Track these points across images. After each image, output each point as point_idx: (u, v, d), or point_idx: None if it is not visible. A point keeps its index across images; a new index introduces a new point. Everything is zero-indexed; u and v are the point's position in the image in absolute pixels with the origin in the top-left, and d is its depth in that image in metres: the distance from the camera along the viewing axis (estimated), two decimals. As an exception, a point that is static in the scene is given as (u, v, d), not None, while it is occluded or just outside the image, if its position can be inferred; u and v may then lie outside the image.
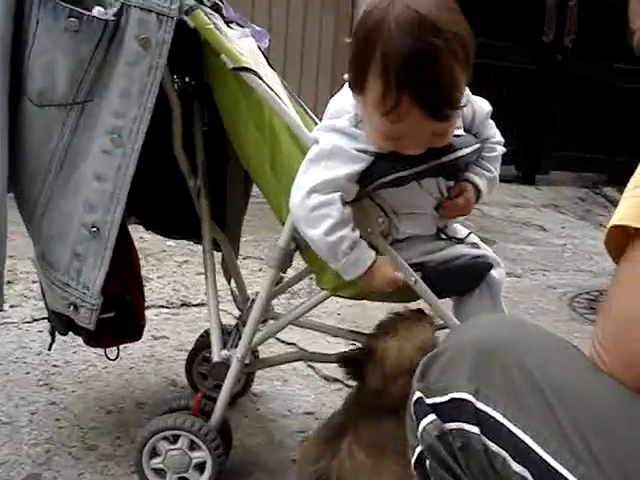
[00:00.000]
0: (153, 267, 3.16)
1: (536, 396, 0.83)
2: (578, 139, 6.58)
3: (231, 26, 1.68)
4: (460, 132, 1.47)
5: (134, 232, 1.94)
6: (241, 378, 1.65)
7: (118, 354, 1.91)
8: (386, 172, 1.39)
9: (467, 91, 1.39)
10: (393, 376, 1.23)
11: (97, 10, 1.42)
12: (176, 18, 1.44)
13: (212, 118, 1.75)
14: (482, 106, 1.55)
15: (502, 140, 1.59)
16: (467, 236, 1.59)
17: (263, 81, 1.48)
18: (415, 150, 1.36)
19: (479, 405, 0.85)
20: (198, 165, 1.74)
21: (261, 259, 3.41)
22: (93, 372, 2.16)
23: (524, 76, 6.15)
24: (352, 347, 1.52)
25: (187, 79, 1.69)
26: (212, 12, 1.57)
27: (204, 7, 1.53)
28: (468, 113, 1.51)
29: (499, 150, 1.59)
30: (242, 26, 1.76)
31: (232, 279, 1.96)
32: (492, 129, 1.58)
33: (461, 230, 1.61)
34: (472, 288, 1.55)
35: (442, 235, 1.56)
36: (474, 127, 1.54)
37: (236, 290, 1.96)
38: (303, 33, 5.03)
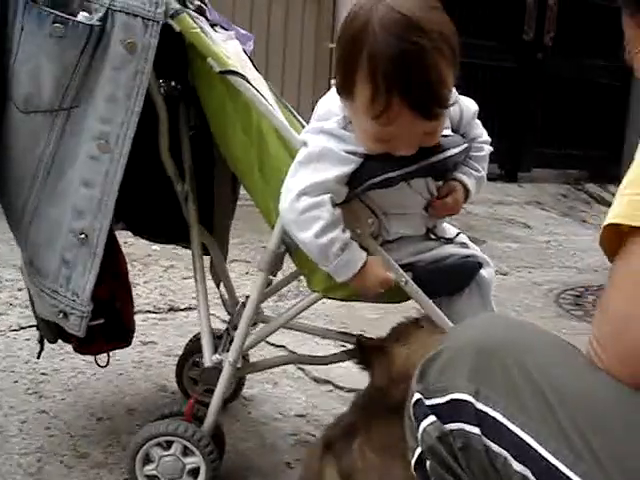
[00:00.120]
0: (139, 272, 3.14)
1: (536, 395, 0.83)
2: (559, 136, 6.63)
3: (216, 29, 1.68)
4: (448, 132, 1.48)
5: (118, 237, 1.92)
6: (232, 382, 1.64)
7: (108, 361, 1.90)
8: (375, 173, 1.39)
9: (454, 91, 1.39)
10: (398, 380, 1.23)
11: (82, 15, 1.41)
12: (162, 22, 1.44)
13: (198, 122, 1.74)
14: (469, 106, 1.55)
15: (489, 139, 1.60)
16: (456, 236, 1.60)
17: (250, 84, 1.48)
18: (407, 151, 1.36)
19: (479, 405, 0.85)
20: (185, 169, 1.73)
21: (248, 262, 3.41)
22: (82, 379, 2.15)
23: (505, 74, 6.18)
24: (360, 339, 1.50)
25: (173, 83, 1.67)
26: (197, 15, 1.56)
27: (189, 10, 1.52)
28: (455, 113, 1.51)
29: (486, 149, 1.59)
30: (226, 29, 1.76)
31: (221, 283, 1.95)
32: (479, 129, 1.58)
33: (450, 230, 1.61)
34: (462, 288, 1.55)
35: (431, 235, 1.56)
36: (461, 127, 1.54)
37: (225, 294, 1.95)
38: (285, 37, 5.02)
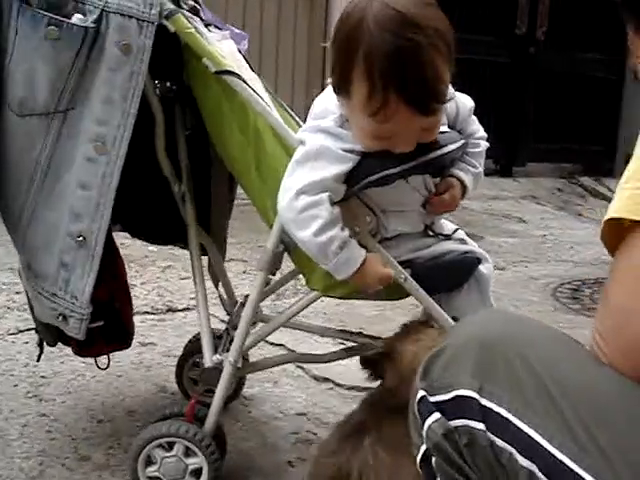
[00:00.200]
0: (136, 273, 3.13)
1: (539, 389, 0.83)
2: (553, 130, 6.64)
3: (210, 29, 1.67)
4: (445, 129, 1.48)
5: (115, 239, 1.92)
6: (233, 382, 1.64)
7: (109, 363, 1.90)
8: (373, 171, 1.39)
9: (450, 87, 1.40)
10: (407, 379, 1.23)
11: (76, 17, 1.40)
12: (156, 23, 1.44)
13: (194, 122, 1.74)
14: (465, 102, 1.55)
15: (485, 135, 1.60)
16: (454, 232, 1.60)
17: (246, 84, 1.47)
18: (405, 147, 1.35)
19: (483, 401, 0.85)
20: (182, 169, 1.72)
21: (244, 261, 3.41)
22: (82, 382, 2.14)
23: (498, 69, 6.19)
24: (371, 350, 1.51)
25: (168, 84, 1.67)
26: (192, 15, 1.56)
27: (183, 11, 1.52)
28: (452, 110, 1.52)
29: (483, 145, 1.60)
30: (220, 28, 1.75)
31: (219, 283, 1.95)
32: (475, 125, 1.58)
33: (448, 226, 1.61)
34: (461, 284, 1.55)
35: (430, 232, 1.56)
36: (458, 123, 1.54)
37: (224, 294, 1.95)
38: (277, 36, 5.02)
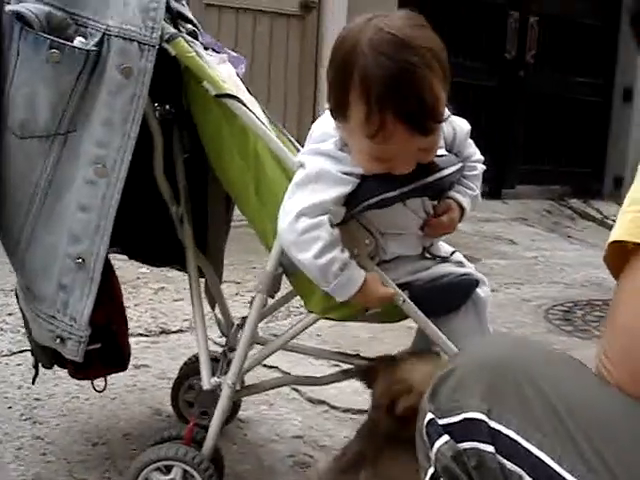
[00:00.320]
0: (129, 295, 3.12)
1: (546, 408, 0.83)
2: (542, 153, 6.68)
3: (208, 52, 1.69)
4: (442, 152, 1.49)
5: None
6: (230, 405, 1.64)
7: (105, 386, 1.89)
8: (372, 194, 1.40)
9: (447, 111, 1.41)
10: (398, 395, 1.23)
11: (78, 41, 1.41)
12: (157, 46, 1.45)
13: (191, 145, 1.75)
14: (462, 126, 1.57)
15: (482, 158, 1.62)
16: (452, 254, 1.61)
17: (247, 107, 1.49)
18: (404, 168, 1.37)
19: (492, 424, 0.86)
20: (180, 191, 1.73)
21: (237, 283, 3.40)
22: (76, 404, 2.13)
23: (487, 92, 6.24)
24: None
25: (167, 106, 1.68)
26: (192, 39, 1.57)
27: (184, 34, 1.53)
28: (449, 133, 1.53)
29: (480, 168, 1.61)
30: (218, 52, 1.77)
31: (216, 305, 1.95)
32: (472, 148, 1.60)
33: (445, 248, 1.62)
34: (459, 306, 1.56)
35: (428, 254, 1.57)
36: (455, 147, 1.55)
37: (220, 315, 1.94)
38: (269, 61, 5.05)
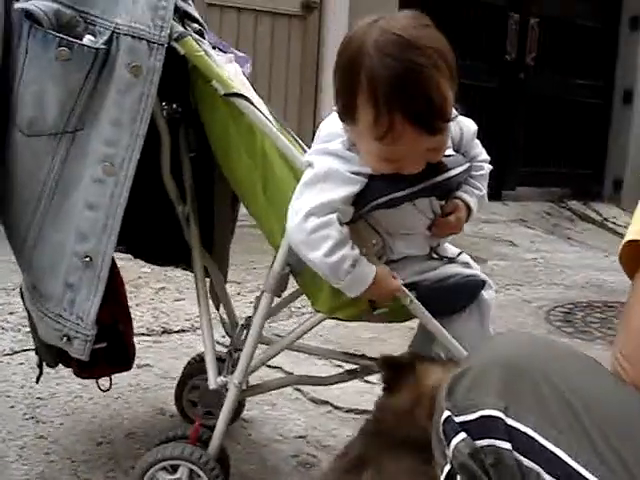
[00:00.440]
0: (130, 294, 3.07)
1: (562, 405, 0.83)
2: (542, 154, 6.69)
3: (215, 52, 1.68)
4: (450, 152, 1.49)
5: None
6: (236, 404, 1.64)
7: (110, 385, 1.89)
8: (380, 194, 1.40)
9: (454, 111, 1.41)
10: (425, 400, 1.22)
11: (87, 39, 1.41)
12: (166, 45, 1.44)
13: (198, 144, 1.74)
14: (469, 126, 1.57)
15: (488, 158, 1.62)
16: (459, 255, 1.61)
17: (255, 107, 1.48)
18: (414, 168, 1.37)
19: (509, 421, 0.86)
20: (186, 191, 1.73)
21: (239, 283, 3.40)
22: (79, 403, 2.12)
23: (488, 94, 6.23)
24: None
25: (175, 105, 1.68)
26: (199, 38, 1.57)
27: (192, 33, 1.53)
28: (456, 133, 1.53)
29: (486, 168, 1.61)
30: (224, 51, 1.76)
31: (220, 305, 1.94)
32: (478, 148, 1.60)
33: (452, 249, 1.62)
34: (464, 307, 1.56)
35: (435, 255, 1.57)
36: (462, 147, 1.56)
37: (224, 315, 1.94)
38: (270, 62, 5.05)
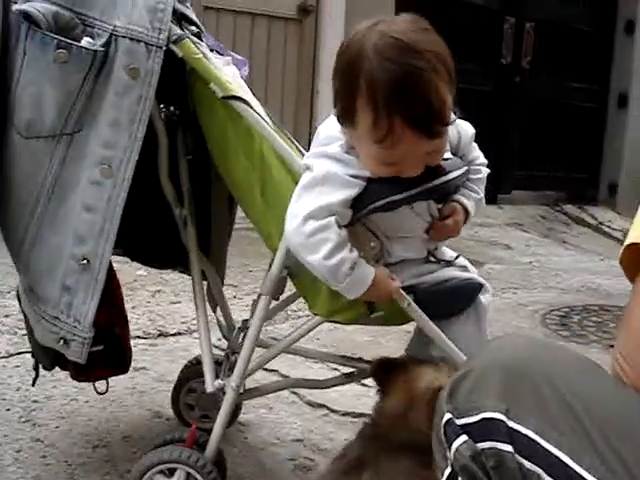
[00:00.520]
0: (126, 297, 3.06)
1: (564, 408, 0.84)
2: (537, 158, 6.70)
3: (213, 54, 1.68)
4: (448, 155, 1.49)
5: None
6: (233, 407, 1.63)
7: (107, 388, 1.88)
8: (378, 197, 1.40)
9: (453, 114, 1.41)
10: (417, 404, 1.22)
11: (86, 41, 1.41)
12: (164, 48, 1.44)
13: (195, 146, 1.74)
14: (467, 129, 1.57)
15: (486, 162, 1.62)
16: (456, 258, 1.61)
17: (253, 109, 1.48)
18: (412, 172, 1.37)
19: (511, 424, 0.86)
20: (184, 193, 1.72)
21: (234, 286, 3.39)
22: (75, 406, 2.12)
23: (483, 97, 6.24)
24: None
25: (172, 108, 1.67)
26: (198, 41, 1.57)
27: (190, 36, 1.53)
28: (454, 137, 1.53)
29: (484, 172, 1.61)
30: (222, 54, 1.76)
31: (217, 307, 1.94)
32: (476, 151, 1.60)
33: (449, 253, 1.62)
34: (462, 310, 1.56)
35: (432, 258, 1.57)
36: (460, 150, 1.56)
37: (221, 319, 1.94)
38: (266, 66, 5.05)
